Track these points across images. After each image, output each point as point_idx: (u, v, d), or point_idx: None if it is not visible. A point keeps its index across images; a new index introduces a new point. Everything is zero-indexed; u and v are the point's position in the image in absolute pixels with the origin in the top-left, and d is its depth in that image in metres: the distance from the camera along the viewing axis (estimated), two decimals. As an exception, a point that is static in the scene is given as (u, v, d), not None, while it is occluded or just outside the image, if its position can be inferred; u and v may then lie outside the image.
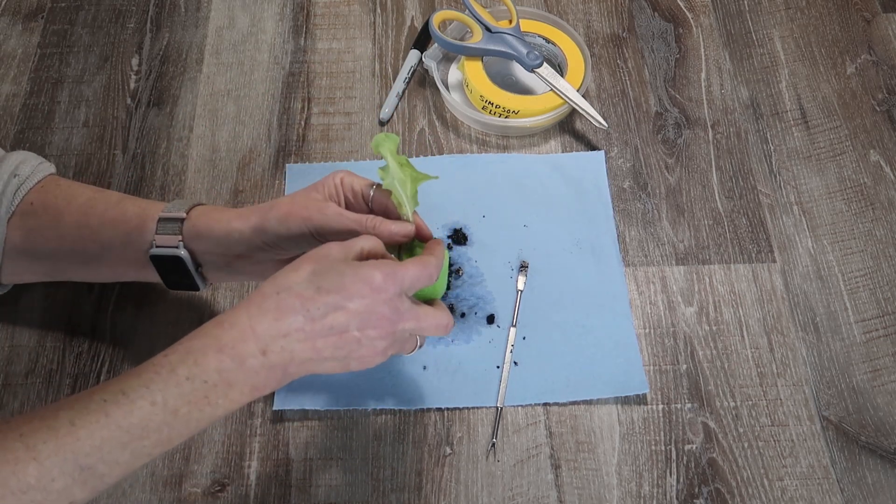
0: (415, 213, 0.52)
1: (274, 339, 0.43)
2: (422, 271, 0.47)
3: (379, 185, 0.53)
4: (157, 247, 0.52)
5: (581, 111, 0.72)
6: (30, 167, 0.57)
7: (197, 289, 0.56)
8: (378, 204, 0.53)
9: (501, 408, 0.61)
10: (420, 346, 0.52)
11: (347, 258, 0.46)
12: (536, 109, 0.73)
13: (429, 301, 0.51)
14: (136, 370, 0.43)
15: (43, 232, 0.54)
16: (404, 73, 0.77)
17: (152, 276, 0.55)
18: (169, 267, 0.53)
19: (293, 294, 0.44)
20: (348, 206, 0.53)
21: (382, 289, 0.44)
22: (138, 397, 0.41)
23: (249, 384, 0.43)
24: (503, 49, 0.74)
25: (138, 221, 0.53)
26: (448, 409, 0.61)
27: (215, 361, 0.42)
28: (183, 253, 0.52)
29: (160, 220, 0.52)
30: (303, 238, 0.51)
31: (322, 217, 0.50)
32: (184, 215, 0.52)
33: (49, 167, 0.58)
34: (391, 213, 0.53)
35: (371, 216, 0.51)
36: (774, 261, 0.68)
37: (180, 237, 0.52)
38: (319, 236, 0.50)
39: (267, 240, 0.51)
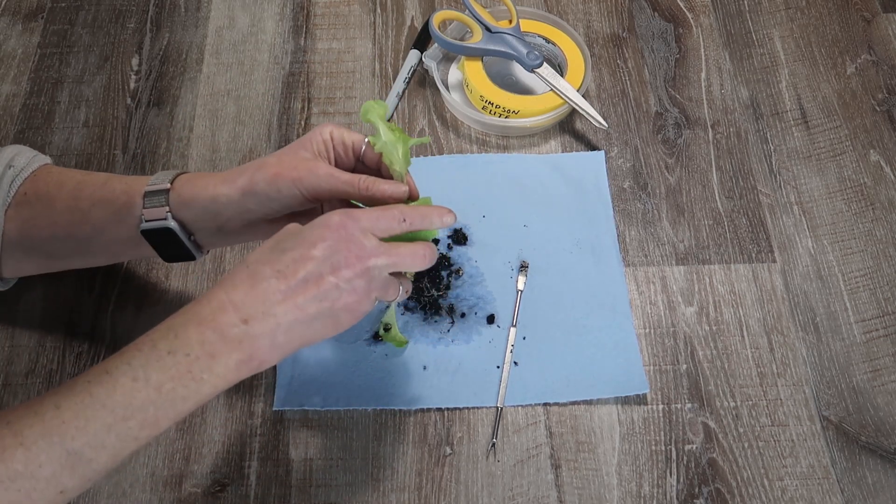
0: (407, 172, 0.51)
1: (253, 306, 0.43)
2: (381, 213, 0.46)
3: (367, 147, 0.52)
4: (146, 221, 0.51)
5: (581, 111, 0.72)
6: (25, 158, 0.57)
7: (194, 258, 0.55)
8: (370, 159, 0.53)
9: (501, 408, 0.61)
10: (407, 292, 0.51)
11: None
12: (536, 109, 0.73)
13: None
14: (120, 351, 0.43)
15: (37, 220, 0.54)
16: (404, 73, 0.77)
17: (149, 252, 0.54)
18: (161, 240, 0.52)
19: (261, 263, 0.44)
20: (337, 162, 0.53)
21: (340, 227, 0.44)
22: (121, 374, 0.41)
23: (234, 357, 0.43)
24: (503, 49, 0.74)
25: (126, 198, 0.52)
26: (448, 409, 0.61)
27: (196, 334, 0.42)
28: (172, 224, 0.51)
29: (146, 194, 0.52)
30: (293, 200, 0.50)
31: (313, 178, 0.49)
32: (168, 186, 0.52)
33: (44, 158, 0.58)
34: (383, 171, 0.52)
35: (364, 176, 0.50)
36: (774, 261, 0.68)
37: (167, 208, 0.51)
38: (311, 198, 0.50)
39: (256, 202, 0.50)
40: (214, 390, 0.43)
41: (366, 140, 0.53)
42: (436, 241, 0.67)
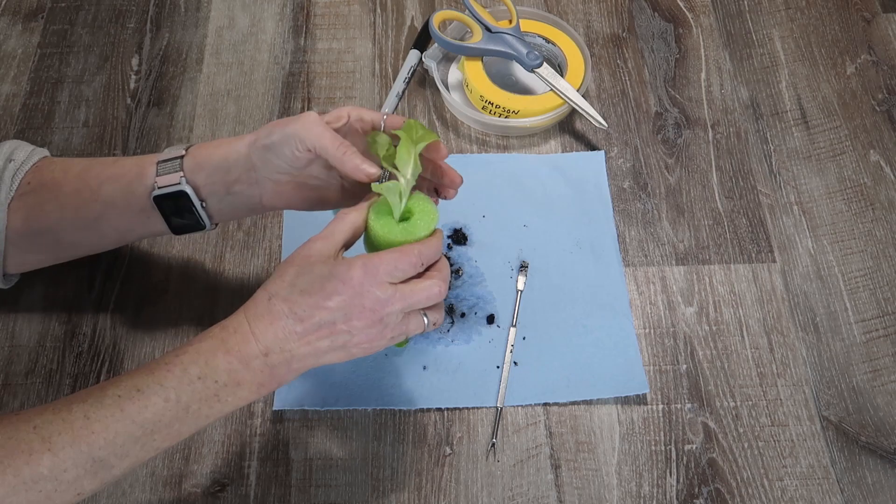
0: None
1: (273, 341, 0.46)
2: (399, 259, 0.47)
3: (389, 116, 0.54)
4: (159, 188, 0.53)
5: (581, 111, 0.72)
6: (24, 152, 0.57)
7: (203, 227, 0.56)
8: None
9: (501, 408, 0.61)
10: (435, 324, 0.52)
11: (329, 256, 0.47)
12: (536, 109, 0.73)
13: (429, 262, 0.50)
14: (148, 367, 0.45)
15: (43, 206, 0.55)
16: (404, 73, 0.77)
17: (157, 226, 0.55)
18: (172, 207, 0.54)
19: (280, 299, 0.46)
20: (352, 139, 0.53)
21: (358, 284, 0.46)
22: (153, 394, 0.43)
23: (256, 382, 0.46)
24: (503, 49, 0.74)
25: (137, 170, 0.54)
26: (448, 409, 0.61)
27: (224, 363, 0.45)
28: (187, 187, 0.53)
29: (160, 162, 0.53)
30: (293, 154, 0.51)
31: (305, 130, 0.50)
32: (183, 153, 0.53)
33: (43, 151, 0.59)
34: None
35: (346, 142, 0.50)
36: (774, 261, 0.68)
37: (182, 173, 0.53)
38: (300, 148, 0.51)
39: (258, 156, 0.52)
40: (234, 409, 0.47)
41: (384, 116, 0.54)
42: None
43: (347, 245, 0.50)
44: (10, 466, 0.40)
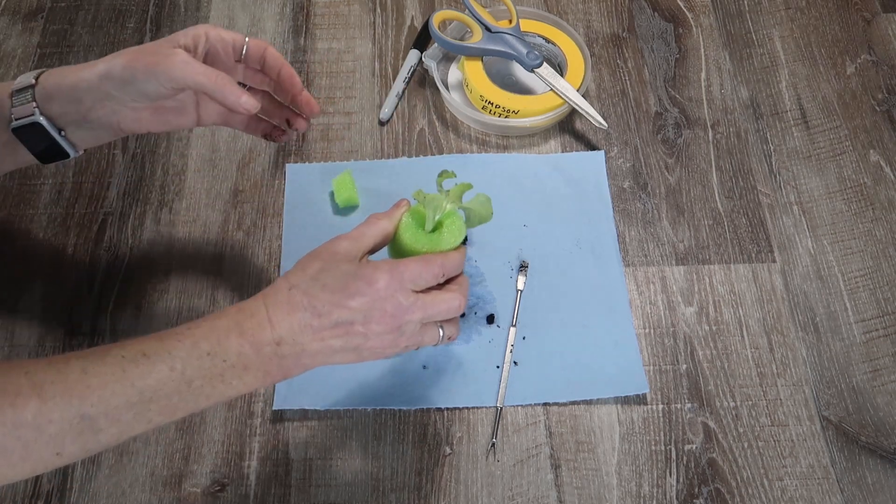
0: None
1: (287, 333, 0.45)
2: (424, 268, 0.48)
3: (252, 39, 0.54)
4: (15, 119, 0.51)
5: (581, 111, 0.72)
6: None
7: (67, 156, 0.55)
8: (253, 58, 0.55)
9: (501, 408, 0.61)
10: (450, 338, 0.52)
11: (355, 257, 0.47)
12: (536, 109, 0.73)
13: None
14: (157, 335, 0.44)
15: None
16: (404, 73, 0.77)
17: (26, 156, 0.54)
18: (33, 138, 0.52)
19: (301, 291, 0.46)
20: (215, 62, 0.53)
21: (383, 288, 0.46)
22: (159, 360, 0.42)
23: (262, 370, 0.45)
24: (503, 49, 0.74)
25: None
26: (448, 409, 0.61)
27: (236, 345, 0.44)
28: (40, 119, 0.51)
29: (13, 93, 0.52)
30: (152, 88, 0.50)
31: (168, 65, 0.49)
32: (32, 82, 0.52)
33: None
34: (268, 68, 0.55)
35: (221, 74, 0.50)
36: (774, 261, 0.68)
37: (34, 104, 0.51)
38: (169, 87, 0.50)
39: (114, 87, 0.50)
40: (236, 394, 0.45)
41: (246, 39, 0.54)
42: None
43: (374, 250, 0.50)
44: None
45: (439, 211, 0.52)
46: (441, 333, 0.51)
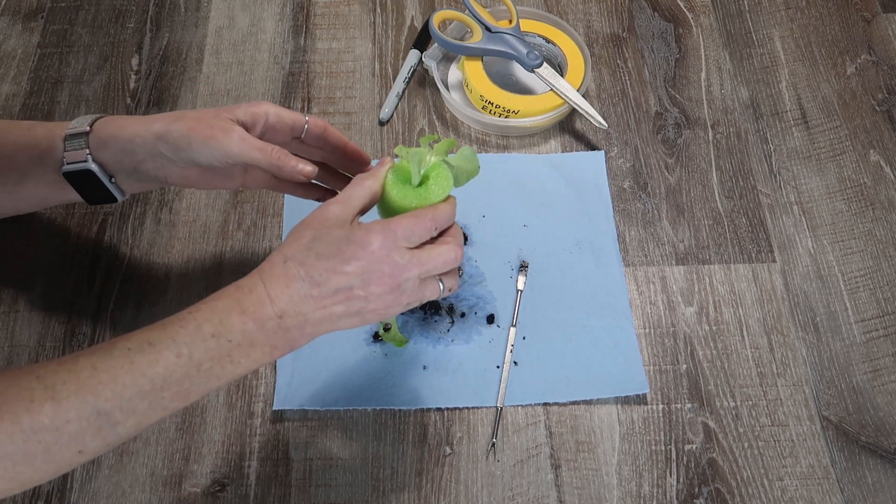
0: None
1: (287, 304, 0.45)
2: (415, 223, 0.47)
3: (312, 118, 0.55)
4: (67, 164, 0.52)
5: (581, 111, 0.72)
6: None
7: (115, 200, 0.56)
8: (312, 138, 0.55)
9: (501, 408, 0.61)
10: (451, 290, 0.51)
11: (346, 221, 0.47)
12: (536, 109, 0.73)
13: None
14: (160, 324, 0.44)
15: None
16: (404, 73, 0.77)
17: (74, 196, 0.55)
18: (83, 182, 0.53)
19: (296, 262, 0.46)
20: (271, 137, 0.54)
21: (377, 249, 0.46)
22: (164, 348, 0.42)
23: (269, 344, 0.46)
24: (503, 49, 0.74)
25: (48, 143, 0.53)
26: (448, 409, 0.61)
27: (239, 323, 0.44)
28: (92, 166, 0.52)
29: (66, 137, 0.52)
30: (205, 157, 0.51)
31: (226, 140, 0.50)
32: (87, 129, 0.52)
33: None
34: (330, 147, 0.56)
35: (277, 147, 0.51)
36: (774, 261, 0.68)
37: (87, 150, 0.52)
38: (223, 160, 0.50)
39: (168, 150, 0.51)
40: (246, 371, 0.46)
41: (306, 119, 0.54)
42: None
43: (363, 210, 0.50)
44: (9, 413, 0.38)
45: (424, 164, 0.51)
46: (441, 286, 0.50)
